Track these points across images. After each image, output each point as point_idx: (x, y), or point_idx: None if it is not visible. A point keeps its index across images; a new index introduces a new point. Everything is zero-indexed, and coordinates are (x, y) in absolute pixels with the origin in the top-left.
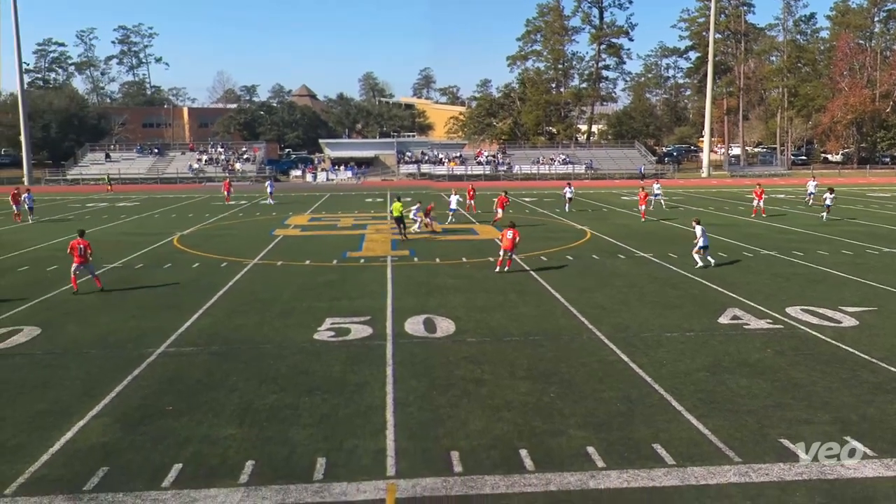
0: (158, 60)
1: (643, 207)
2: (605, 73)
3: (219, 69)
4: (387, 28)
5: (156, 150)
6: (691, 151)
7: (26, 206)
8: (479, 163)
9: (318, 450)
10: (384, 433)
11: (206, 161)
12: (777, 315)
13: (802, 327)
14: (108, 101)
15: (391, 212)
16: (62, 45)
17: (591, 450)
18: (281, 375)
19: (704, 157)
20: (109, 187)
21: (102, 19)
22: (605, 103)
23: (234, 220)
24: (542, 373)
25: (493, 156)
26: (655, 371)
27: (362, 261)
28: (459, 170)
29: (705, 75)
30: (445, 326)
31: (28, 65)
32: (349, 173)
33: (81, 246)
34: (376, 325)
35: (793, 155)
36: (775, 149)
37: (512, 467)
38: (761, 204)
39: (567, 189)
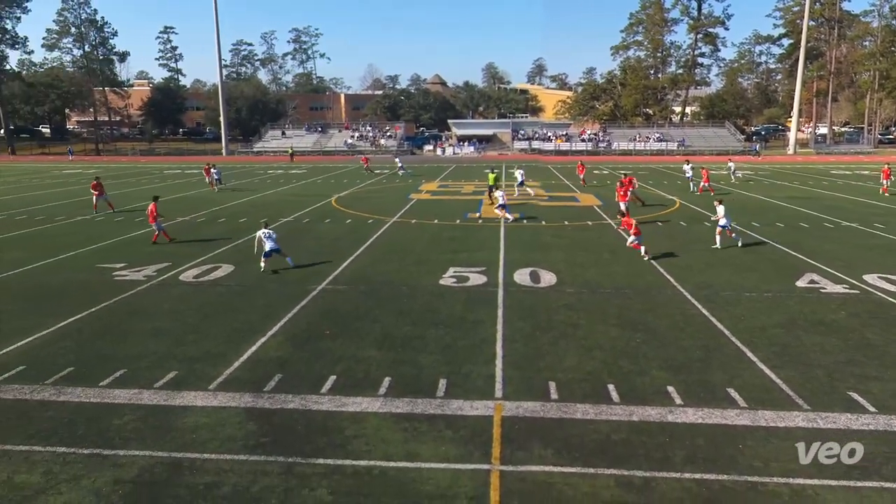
0: (322, 56)
1: (705, 185)
2: (700, 59)
3: (369, 62)
4: (507, 23)
5: (319, 129)
6: (779, 130)
7: (214, 178)
8: (582, 140)
9: (441, 372)
10: (494, 363)
11: (357, 137)
12: (854, 281)
13: (878, 293)
14: (284, 89)
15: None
16: (250, 45)
17: (670, 389)
18: (413, 311)
19: (791, 135)
20: (292, 158)
21: (280, 23)
22: (698, 87)
23: (379, 186)
24: (629, 321)
25: (595, 134)
26: (733, 325)
27: (480, 221)
28: (565, 146)
29: (797, 60)
30: (548, 278)
31: (226, 62)
32: (471, 148)
33: (151, 208)
34: (490, 274)
35: (880, 134)
36: (862, 128)
37: (600, 398)
38: (886, 183)
39: (686, 166)
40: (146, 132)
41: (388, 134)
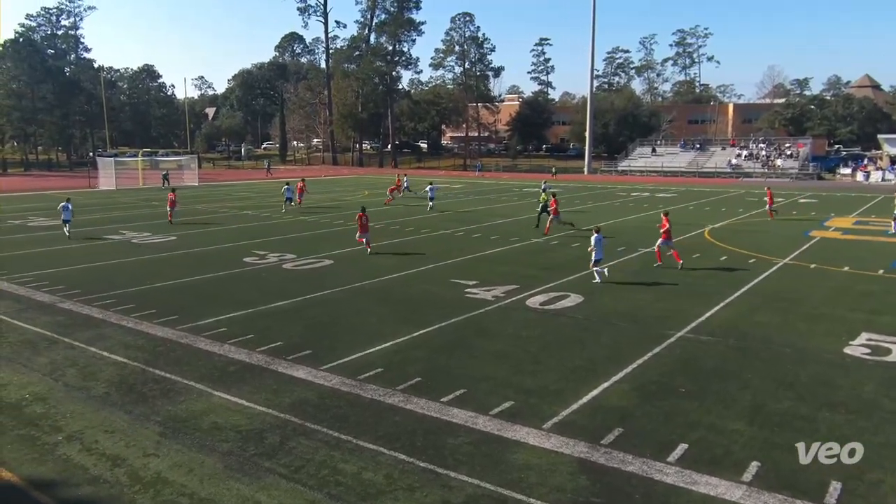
0: (710, 59)
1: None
2: None
3: (770, 63)
4: None
5: (697, 146)
6: None
7: (404, 189)
8: None
9: (833, 472)
10: None
11: (745, 157)
12: None
13: None
14: (660, 100)
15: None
16: (626, 51)
17: None
18: (799, 382)
19: None
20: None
21: (663, 25)
22: None
23: (764, 218)
24: None
25: None
26: None
27: None
28: None
29: None
30: None
31: (597, 71)
32: None
33: (171, 198)
34: None
35: None
36: None
37: None
38: None
39: None
40: (511, 148)
41: (788, 152)
